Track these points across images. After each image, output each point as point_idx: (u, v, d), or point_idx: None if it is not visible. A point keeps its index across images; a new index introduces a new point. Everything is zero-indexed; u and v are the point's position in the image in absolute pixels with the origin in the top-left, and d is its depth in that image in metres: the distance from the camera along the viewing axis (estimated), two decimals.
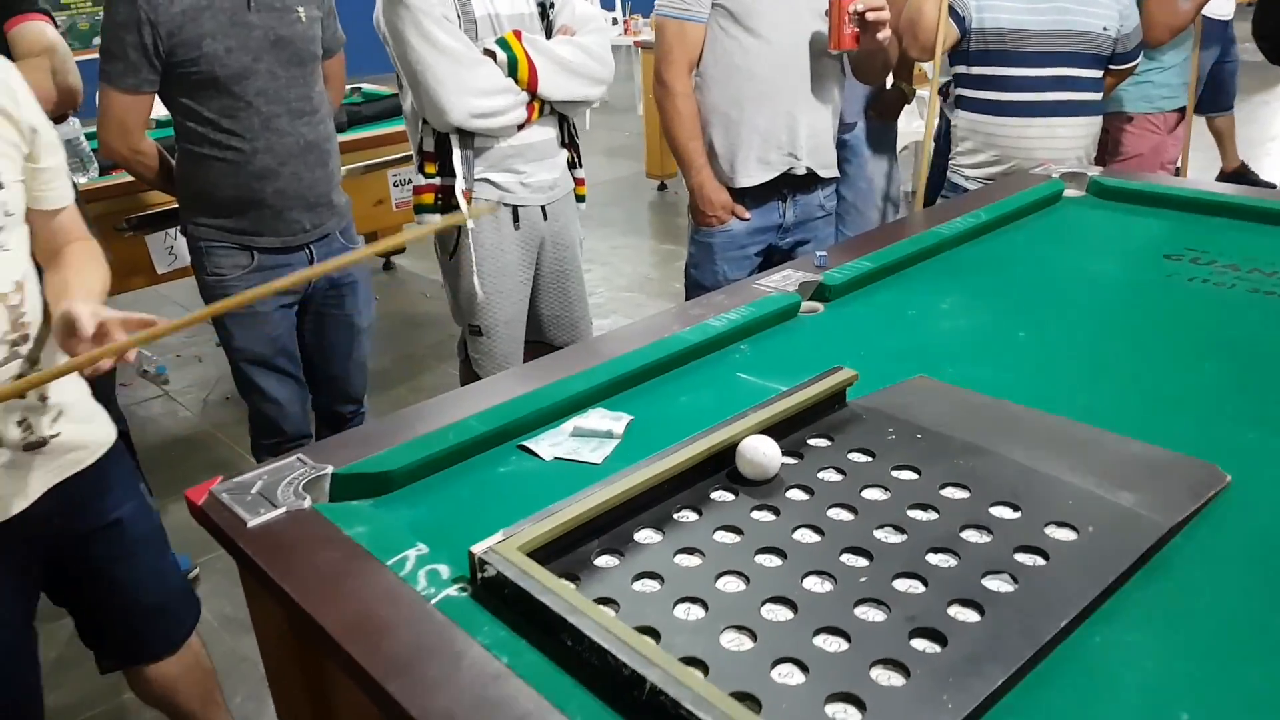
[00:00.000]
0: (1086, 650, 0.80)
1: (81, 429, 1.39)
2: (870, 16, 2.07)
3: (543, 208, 2.20)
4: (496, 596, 0.85)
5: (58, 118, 1.98)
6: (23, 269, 1.28)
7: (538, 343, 2.35)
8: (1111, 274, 1.67)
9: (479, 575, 0.87)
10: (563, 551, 0.91)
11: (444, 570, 0.90)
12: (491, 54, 2.03)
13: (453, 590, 0.87)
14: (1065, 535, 0.92)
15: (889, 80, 2.72)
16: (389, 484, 1.07)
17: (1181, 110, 3.11)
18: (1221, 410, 1.18)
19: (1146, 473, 1.02)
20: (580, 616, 0.77)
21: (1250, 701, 0.74)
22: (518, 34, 2.06)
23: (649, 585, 0.88)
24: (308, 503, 1.01)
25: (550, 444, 1.14)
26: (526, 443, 1.15)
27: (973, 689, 0.74)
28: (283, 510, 0.99)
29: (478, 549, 0.87)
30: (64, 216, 1.39)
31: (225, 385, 3.53)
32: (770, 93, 2.20)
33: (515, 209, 2.15)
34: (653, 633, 0.80)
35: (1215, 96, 4.47)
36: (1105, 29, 2.36)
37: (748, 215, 2.29)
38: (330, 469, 1.06)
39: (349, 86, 3.42)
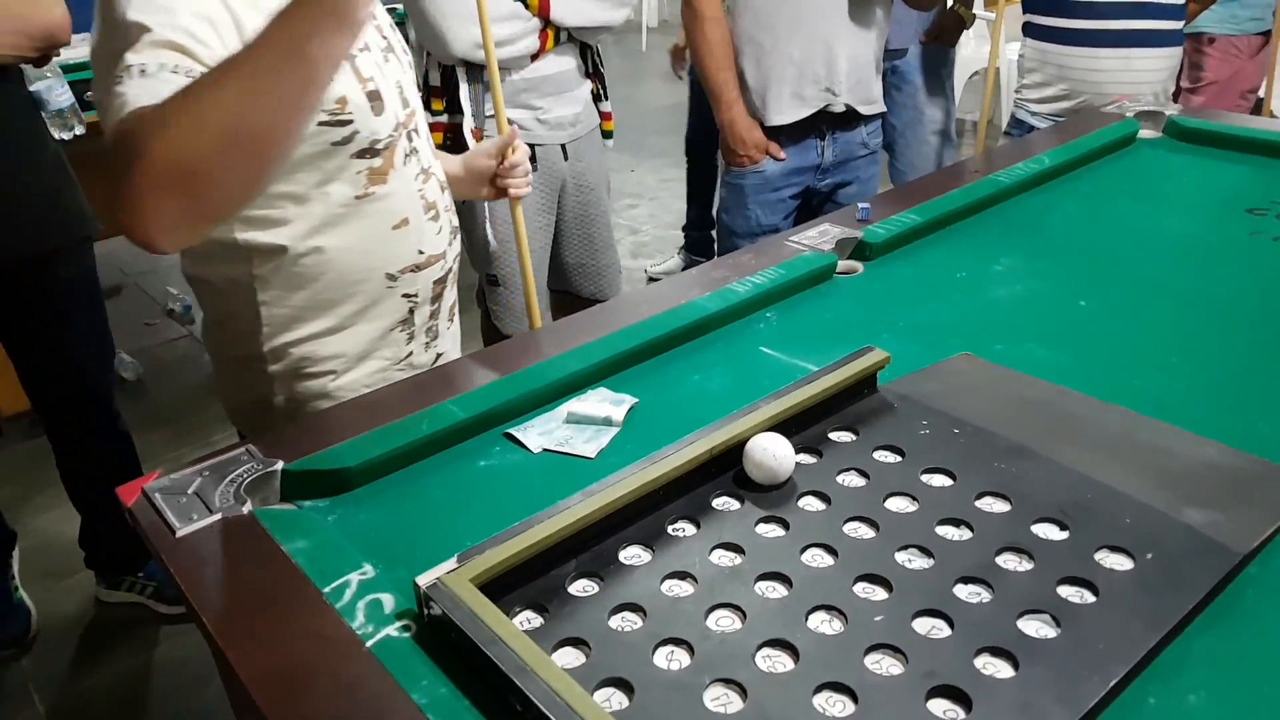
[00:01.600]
0: (1139, 714, 0.67)
1: None
2: None
3: (563, 146, 2.05)
4: (443, 639, 0.74)
5: (38, 60, 1.85)
6: None
7: (563, 292, 2.23)
8: (1189, 231, 1.49)
9: (425, 612, 0.76)
10: (533, 575, 0.80)
11: (387, 602, 0.78)
12: None
13: (394, 629, 0.75)
14: (1120, 563, 0.79)
15: (947, 1, 2.50)
16: (348, 481, 0.96)
17: (1266, 34, 2.83)
18: None
19: (1222, 484, 0.88)
20: (529, 677, 0.66)
21: None
22: None
23: (629, 621, 0.76)
24: (247, 507, 0.90)
25: (540, 433, 1.03)
26: (514, 430, 1.04)
27: None
28: (217, 517, 0.89)
29: (423, 580, 0.75)
30: None
31: None
32: (806, 19, 2.01)
33: (533, 148, 2.01)
34: (625, 686, 0.69)
35: None
36: None
37: (782, 155, 2.12)
38: (280, 464, 0.95)
39: None
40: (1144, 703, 0.68)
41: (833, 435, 0.98)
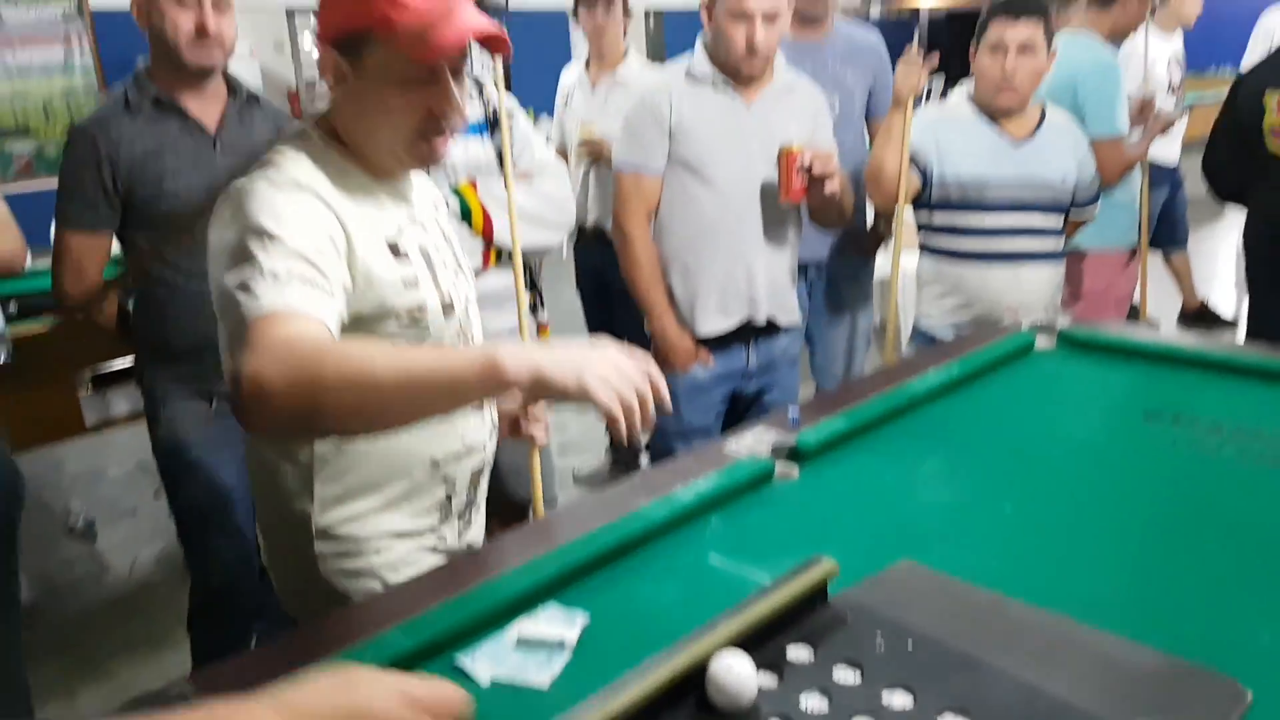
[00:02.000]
0: None
1: None
2: (817, 170, 2.07)
3: None
4: None
5: None
6: None
7: (496, 497, 2.21)
8: (1094, 436, 1.60)
9: None
10: None
11: None
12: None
13: None
14: None
15: (870, 217, 2.73)
16: None
17: (1133, 248, 3.15)
18: (1230, 604, 1.08)
19: (1162, 691, 0.91)
20: None
21: None
22: (473, 184, 2.02)
23: None
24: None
25: (490, 660, 1.00)
26: (463, 659, 1.00)
27: None
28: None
29: None
30: None
31: (161, 541, 3.30)
32: (727, 242, 2.18)
33: None
34: None
35: (1169, 234, 4.57)
36: (1064, 178, 2.38)
37: (711, 361, 2.22)
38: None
39: None
40: None
41: (791, 652, 0.98)
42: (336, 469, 1.26)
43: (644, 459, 3.30)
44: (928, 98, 4.63)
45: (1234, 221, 4.35)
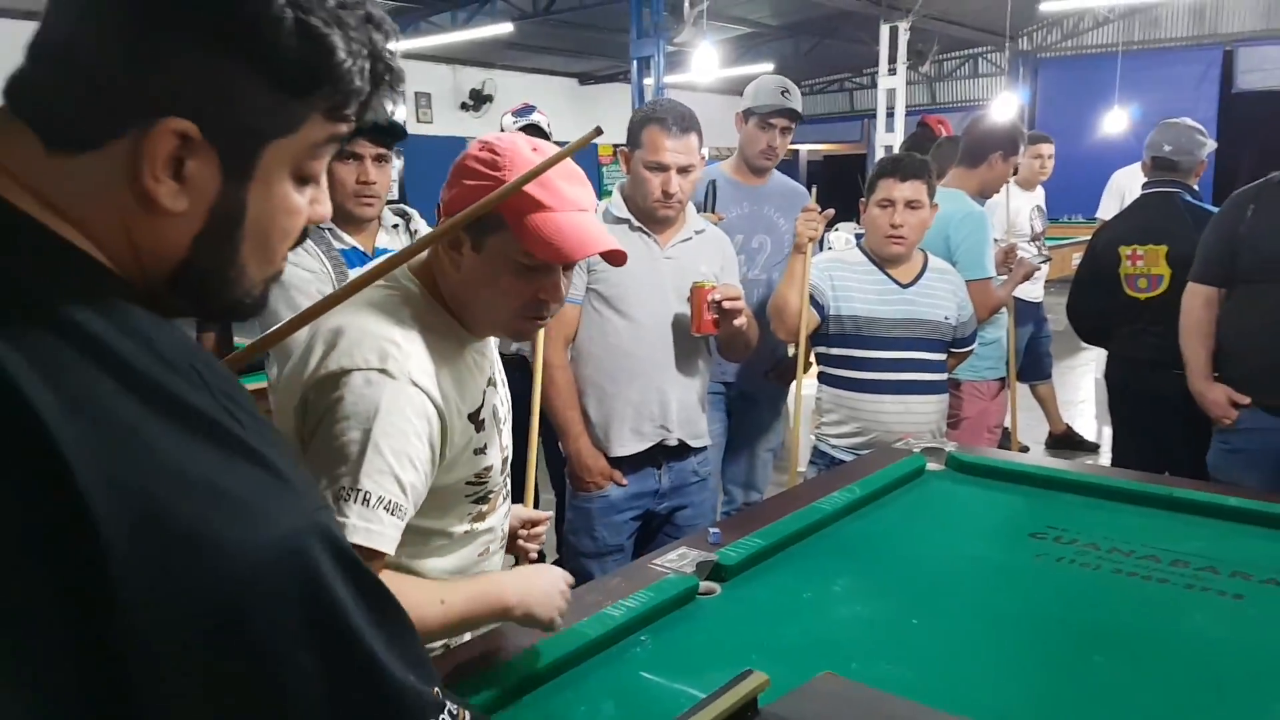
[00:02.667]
0: None
1: None
2: (727, 305, 2.23)
3: None
4: None
5: None
6: None
7: None
8: (986, 554, 1.73)
9: None
10: None
11: None
12: None
13: None
14: None
15: (790, 349, 2.93)
16: None
17: (1003, 379, 3.43)
18: (1120, 707, 1.20)
19: None
20: None
21: None
22: None
23: None
24: None
25: None
26: None
27: None
28: None
29: None
30: None
31: None
32: (640, 370, 2.30)
33: None
34: None
35: (1035, 367, 4.95)
36: (946, 317, 2.61)
37: (625, 481, 2.31)
38: None
39: None
40: None
41: None
42: None
43: None
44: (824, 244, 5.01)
45: (1094, 354, 4.74)
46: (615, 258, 1.28)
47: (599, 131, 1.06)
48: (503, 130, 2.87)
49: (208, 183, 0.61)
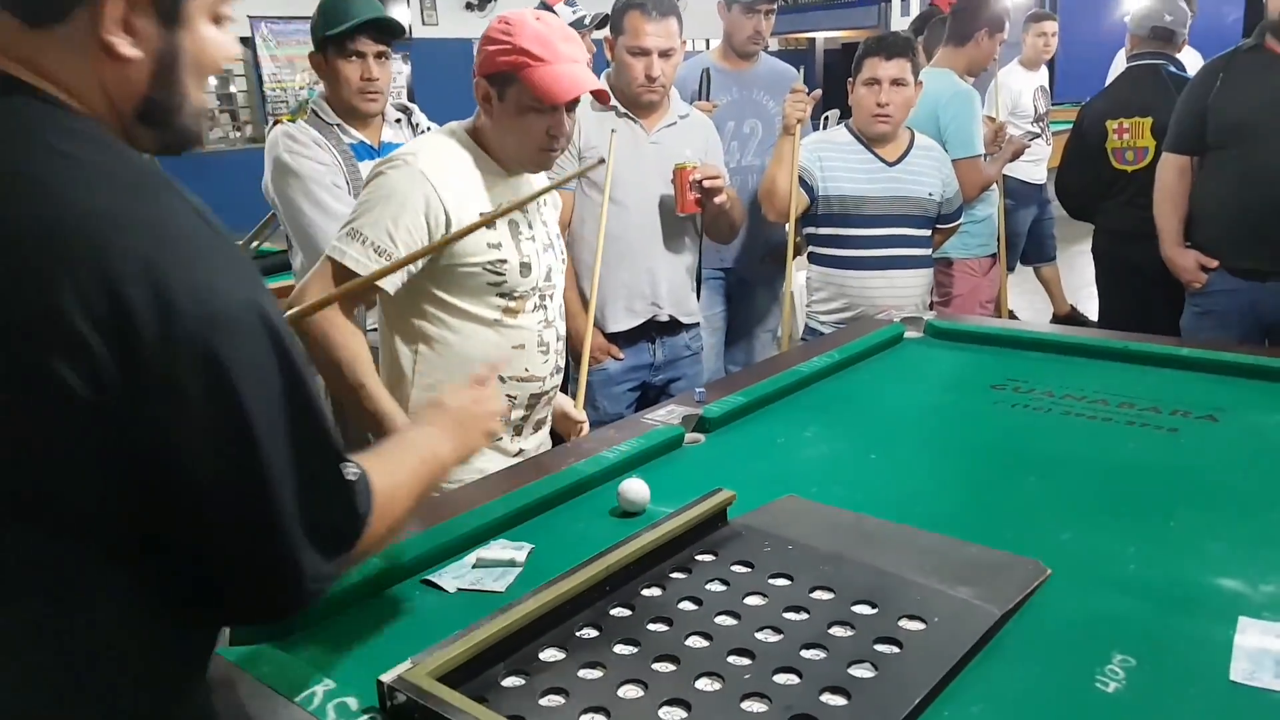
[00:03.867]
0: None
1: None
2: (707, 184, 2.34)
3: None
4: None
5: None
6: None
7: None
8: (947, 403, 1.90)
9: (388, 703, 0.93)
10: (470, 676, 0.98)
11: (352, 703, 0.95)
12: None
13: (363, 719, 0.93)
14: (915, 626, 1.06)
15: (789, 229, 3.05)
16: (291, 625, 1.11)
17: (994, 256, 3.54)
18: (1042, 515, 1.37)
19: (981, 570, 1.18)
20: None
21: None
22: None
23: (555, 700, 0.96)
24: None
25: (454, 576, 1.23)
26: (430, 576, 1.23)
27: None
28: None
29: (386, 678, 0.93)
30: None
31: None
32: (630, 251, 2.45)
33: None
34: None
35: (1039, 249, 5.04)
36: (931, 194, 2.72)
37: (621, 355, 2.48)
38: None
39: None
40: (941, 715, 0.94)
41: (698, 556, 1.23)
42: (429, 364, 1.70)
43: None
44: (825, 126, 5.03)
45: None
46: (602, 96, 1.78)
47: (602, 161, 1.33)
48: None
49: (151, 32, 0.79)
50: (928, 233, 2.79)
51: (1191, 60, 3.64)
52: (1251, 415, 1.69)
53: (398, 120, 2.37)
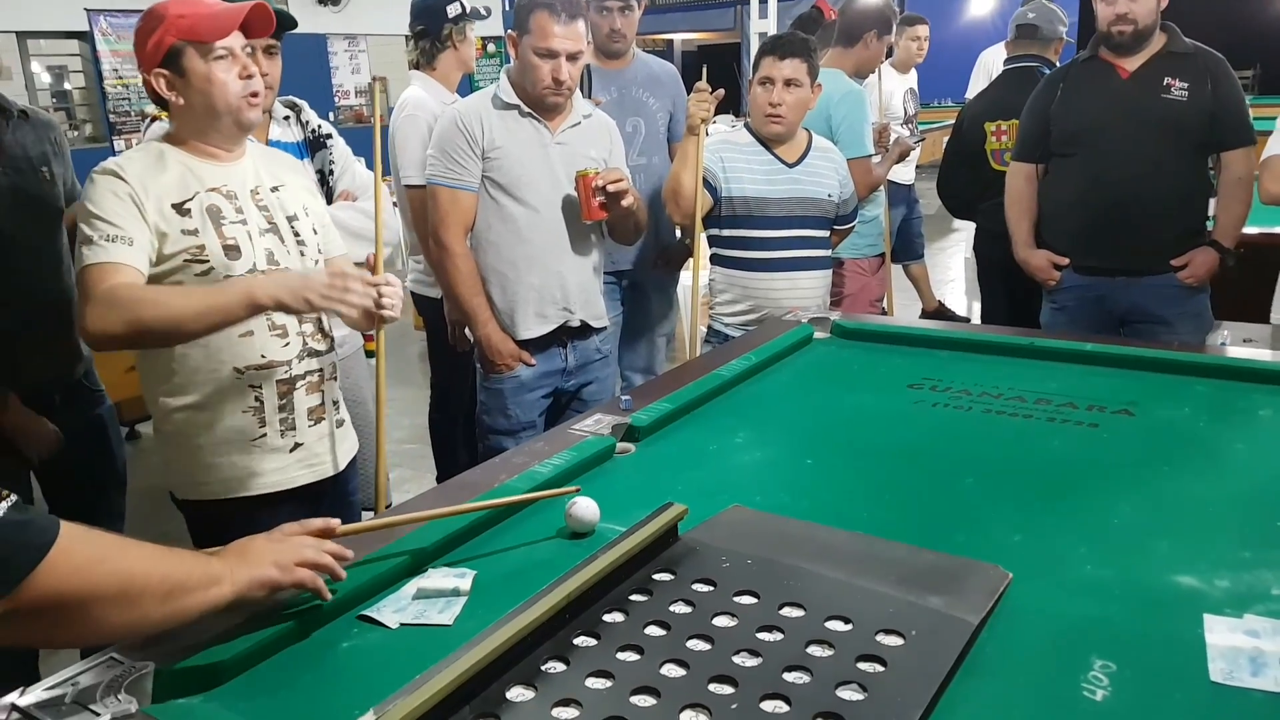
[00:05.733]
0: None
1: None
2: (611, 189, 2.29)
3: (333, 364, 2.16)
4: None
5: None
6: None
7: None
8: (870, 404, 1.89)
9: None
10: None
11: None
12: None
13: None
14: (894, 641, 1.02)
15: (678, 233, 2.99)
16: (219, 676, 0.99)
17: (881, 255, 3.62)
18: (988, 517, 1.37)
19: (945, 578, 1.15)
20: None
21: None
22: None
23: None
24: (134, 707, 0.91)
25: (394, 610, 1.11)
26: (367, 612, 1.11)
27: None
28: (107, 719, 0.89)
29: None
30: None
31: None
32: (540, 255, 2.36)
33: None
34: None
35: (907, 247, 5.21)
36: (829, 195, 2.73)
37: (533, 361, 2.39)
38: (151, 666, 0.96)
39: None
40: None
41: (655, 576, 1.15)
42: (165, 368, 1.68)
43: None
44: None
45: (963, 235, 5.02)
46: (254, 30, 1.66)
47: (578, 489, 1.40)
48: None
49: None
50: (827, 233, 2.80)
51: None
52: (1163, 409, 1.74)
53: (286, 117, 2.20)
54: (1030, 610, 1.10)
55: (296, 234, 1.76)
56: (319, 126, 2.22)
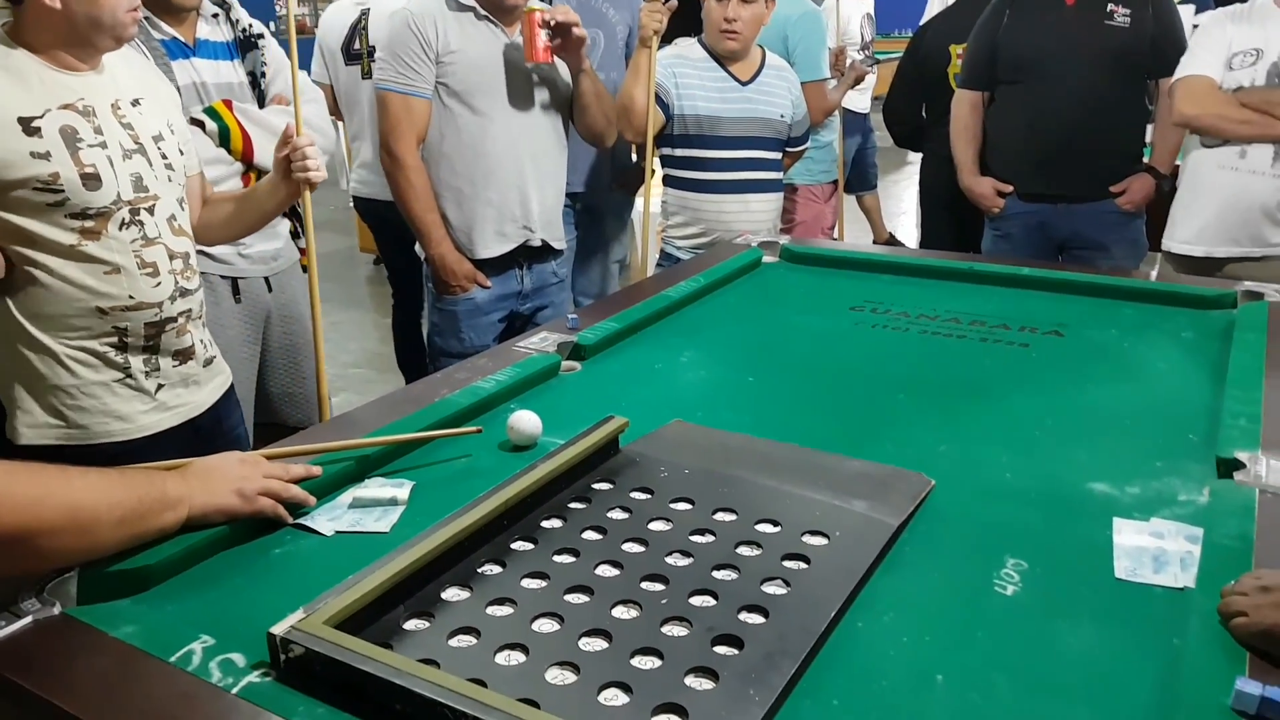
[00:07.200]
0: (854, 635, 0.93)
1: None
2: (560, 18, 2.19)
3: (266, 279, 2.13)
4: (306, 676, 0.83)
5: None
6: None
7: (269, 424, 2.23)
8: (812, 325, 1.93)
9: (283, 657, 0.85)
10: (369, 622, 0.91)
11: (238, 659, 0.87)
12: (200, 123, 1.96)
13: (254, 676, 0.84)
14: (819, 541, 1.07)
15: (634, 156, 2.94)
16: (147, 580, 0.99)
17: (834, 183, 3.63)
18: (917, 430, 1.41)
19: (871, 484, 1.20)
20: (409, 678, 0.78)
21: (984, 658, 0.90)
22: (228, 103, 2.01)
23: (466, 640, 0.90)
24: (57, 608, 0.92)
25: (329, 519, 1.13)
26: (302, 520, 1.12)
27: (771, 682, 0.84)
28: (28, 620, 0.90)
29: (278, 629, 0.85)
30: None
31: None
32: (500, 169, 2.30)
33: (235, 281, 2.07)
34: (480, 683, 0.82)
35: (861, 177, 5.21)
36: (782, 115, 2.72)
37: (489, 283, 2.36)
38: (75, 570, 0.97)
39: None
40: (855, 626, 0.95)
41: (595, 485, 1.19)
42: (29, 302, 1.49)
43: None
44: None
45: (918, 166, 5.04)
46: None
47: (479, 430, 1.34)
48: None
49: None
50: (779, 156, 2.80)
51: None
52: (1091, 331, 1.80)
53: (214, 15, 2.12)
54: (950, 514, 1.16)
55: (164, 155, 1.58)
56: (250, 25, 2.13)
